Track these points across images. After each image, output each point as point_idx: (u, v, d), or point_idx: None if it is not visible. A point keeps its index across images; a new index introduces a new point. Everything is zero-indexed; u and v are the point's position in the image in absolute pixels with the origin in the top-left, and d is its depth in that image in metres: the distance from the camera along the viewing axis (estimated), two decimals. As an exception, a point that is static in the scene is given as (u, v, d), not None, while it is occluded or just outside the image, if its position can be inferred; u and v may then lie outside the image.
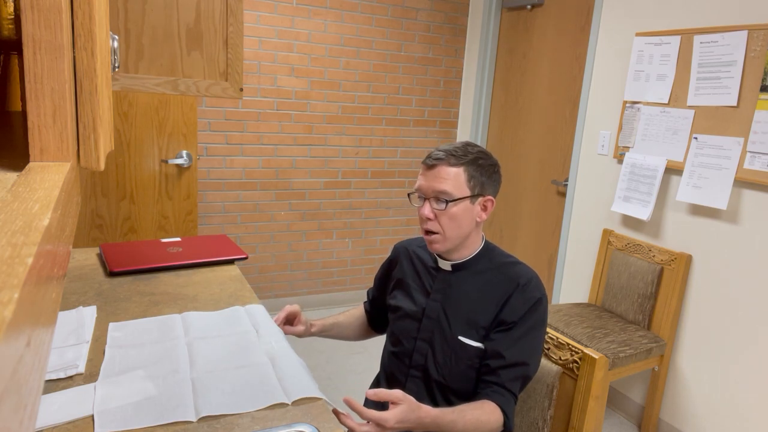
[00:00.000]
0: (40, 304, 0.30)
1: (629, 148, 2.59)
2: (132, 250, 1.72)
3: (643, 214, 2.48)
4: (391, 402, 1.07)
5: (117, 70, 1.06)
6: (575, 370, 1.26)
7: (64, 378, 1.04)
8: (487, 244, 1.33)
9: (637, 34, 2.52)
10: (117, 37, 0.87)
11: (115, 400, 0.97)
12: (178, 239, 1.87)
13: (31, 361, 0.27)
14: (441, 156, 1.22)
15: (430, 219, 1.23)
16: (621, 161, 2.62)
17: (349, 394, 1.05)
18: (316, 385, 1.06)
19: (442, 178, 1.21)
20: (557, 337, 1.32)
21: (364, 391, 1.29)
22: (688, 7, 2.33)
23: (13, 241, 0.31)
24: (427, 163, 1.24)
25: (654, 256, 2.44)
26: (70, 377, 1.04)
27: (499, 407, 1.17)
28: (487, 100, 3.64)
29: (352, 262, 3.74)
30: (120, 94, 2.35)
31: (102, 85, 0.59)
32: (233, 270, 1.69)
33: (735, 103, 2.14)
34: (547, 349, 1.34)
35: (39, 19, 0.46)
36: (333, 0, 3.29)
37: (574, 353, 1.27)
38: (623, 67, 2.62)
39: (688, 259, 2.33)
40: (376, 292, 1.54)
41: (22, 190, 0.41)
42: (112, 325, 1.25)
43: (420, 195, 1.26)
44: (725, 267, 2.22)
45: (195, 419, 0.93)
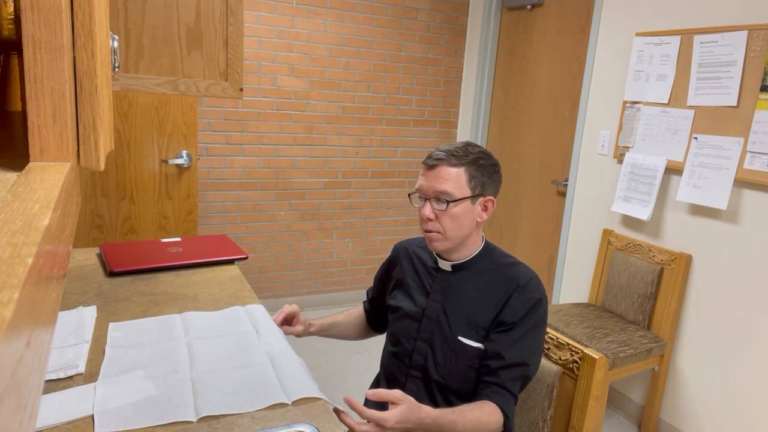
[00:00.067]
0: (40, 304, 0.30)
1: (629, 148, 2.59)
2: (132, 250, 1.72)
3: (643, 214, 2.48)
4: (390, 402, 1.07)
5: (117, 70, 1.06)
6: (575, 370, 1.26)
7: (64, 378, 1.04)
8: (487, 244, 1.33)
9: (637, 34, 2.52)
10: (117, 37, 0.87)
11: (115, 400, 0.97)
12: (178, 239, 1.87)
13: (31, 361, 0.27)
14: (442, 156, 1.22)
15: (431, 219, 1.23)
16: (621, 161, 2.62)
17: (349, 394, 1.05)
18: (316, 385, 1.06)
19: (443, 178, 1.21)
20: (557, 337, 1.32)
21: (364, 391, 1.29)
22: (688, 7, 2.33)
23: (13, 241, 0.31)
24: (428, 163, 1.24)
25: (654, 256, 2.44)
26: (70, 377, 1.04)
27: (499, 408, 1.17)
28: (487, 100, 3.64)
29: (352, 262, 3.74)
30: (120, 94, 2.35)
31: (102, 85, 0.59)
32: (233, 270, 1.69)
33: (735, 103, 2.14)
34: (547, 349, 1.34)
35: (39, 19, 0.46)
36: (333, 0, 3.29)
37: (574, 353, 1.27)
38: (623, 67, 2.62)
39: (688, 259, 2.33)
40: (376, 292, 1.53)
41: (22, 190, 0.41)
42: (112, 325, 1.25)
43: (420, 195, 1.26)
44: (725, 267, 2.22)
45: (195, 419, 0.93)
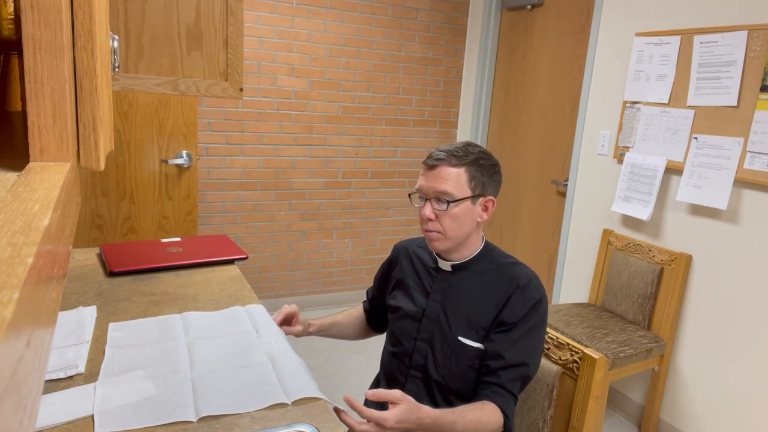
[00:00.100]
0: (40, 304, 0.30)
1: (629, 148, 2.59)
2: (132, 250, 1.72)
3: (643, 214, 2.48)
4: (390, 402, 1.07)
5: (117, 70, 1.06)
6: (575, 370, 1.26)
7: (64, 378, 1.04)
8: (487, 244, 1.33)
9: (637, 34, 2.52)
10: (117, 37, 0.87)
11: (115, 400, 0.97)
12: (178, 239, 1.87)
13: (31, 361, 0.27)
14: (442, 156, 1.22)
15: (431, 219, 1.23)
16: (621, 161, 2.62)
17: (349, 394, 1.05)
18: (316, 385, 1.06)
19: (443, 178, 1.21)
20: (557, 337, 1.32)
21: (364, 391, 1.29)
22: (688, 7, 2.33)
23: (13, 241, 0.31)
24: (428, 163, 1.24)
25: (654, 256, 2.44)
26: (70, 377, 1.04)
27: (499, 408, 1.17)
28: (487, 100, 3.64)
29: (352, 262, 3.74)
30: (120, 94, 2.35)
31: (102, 85, 0.59)
32: (233, 270, 1.69)
33: (735, 103, 2.14)
34: (547, 349, 1.34)
35: (39, 19, 0.46)
36: (333, 0, 3.29)
37: (574, 353, 1.27)
38: (623, 67, 2.62)
39: (688, 259, 2.33)
40: (376, 292, 1.53)
41: (22, 190, 0.41)
42: (112, 325, 1.25)
43: (421, 195, 1.25)
44: (725, 267, 2.22)
45: (195, 419, 0.93)
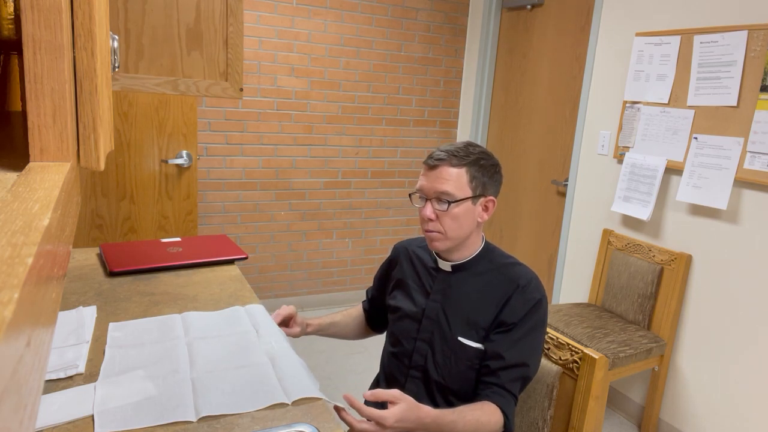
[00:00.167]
0: (40, 304, 0.30)
1: (629, 148, 2.59)
2: (132, 250, 1.72)
3: (643, 214, 2.48)
4: (389, 402, 1.07)
5: (117, 70, 1.06)
6: (575, 370, 1.26)
7: (64, 378, 1.04)
8: (487, 244, 1.33)
9: (637, 34, 2.52)
10: (117, 37, 0.87)
11: (115, 400, 0.97)
12: (178, 239, 1.87)
13: (31, 361, 0.27)
14: (443, 156, 1.21)
15: (432, 220, 1.23)
16: (621, 161, 2.62)
17: (349, 393, 1.05)
18: (317, 385, 1.06)
19: (444, 178, 1.21)
20: (557, 337, 1.32)
21: (364, 390, 1.29)
22: (688, 7, 2.33)
23: (13, 241, 0.31)
24: (429, 163, 1.23)
25: (654, 256, 2.44)
26: (70, 377, 1.04)
27: (500, 408, 1.17)
28: (487, 100, 3.64)
29: (352, 262, 3.74)
30: (120, 94, 2.35)
31: (102, 85, 0.59)
32: (233, 270, 1.69)
33: (735, 103, 2.14)
34: (547, 349, 1.34)
35: (39, 19, 0.46)
36: (333, 0, 3.29)
37: (574, 353, 1.27)
38: (623, 67, 2.62)
39: (688, 259, 2.33)
40: (376, 292, 1.53)
41: (22, 190, 0.41)
42: (112, 325, 1.25)
43: (421, 195, 1.25)
44: (725, 267, 2.22)
45: (195, 419, 0.93)
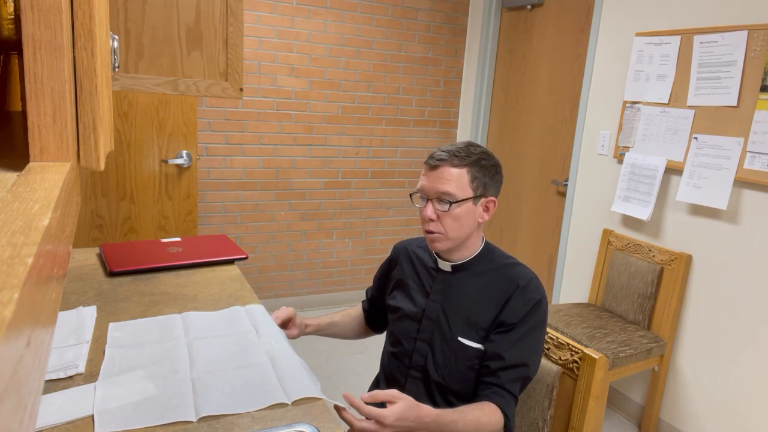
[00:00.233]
0: (40, 304, 0.30)
1: (629, 148, 2.59)
2: (132, 250, 1.72)
3: (643, 214, 2.48)
4: (388, 401, 1.07)
5: (117, 70, 1.06)
6: (575, 370, 1.26)
7: (64, 378, 1.04)
8: (487, 245, 1.33)
9: (637, 34, 2.52)
10: (117, 37, 0.87)
11: (115, 400, 0.97)
12: (178, 239, 1.87)
13: (31, 361, 0.27)
14: (444, 157, 1.21)
15: (433, 220, 1.22)
16: (621, 161, 2.62)
17: (348, 392, 1.05)
18: (318, 385, 1.06)
19: (445, 179, 1.20)
20: (557, 337, 1.32)
21: (365, 390, 1.29)
22: (688, 7, 2.33)
23: (13, 241, 0.31)
24: (430, 163, 1.23)
25: (654, 256, 2.44)
26: (70, 377, 1.04)
27: (500, 408, 1.17)
28: (487, 100, 3.64)
29: (352, 262, 3.74)
30: (120, 94, 2.35)
31: (102, 85, 0.59)
32: (233, 270, 1.69)
33: (735, 103, 2.14)
34: (547, 349, 1.34)
35: (39, 19, 0.46)
36: (333, 0, 3.29)
37: (574, 353, 1.27)
38: (623, 67, 2.62)
39: (688, 259, 2.33)
40: (376, 292, 1.53)
41: (22, 190, 0.41)
42: (112, 325, 1.25)
43: (422, 195, 1.25)
44: (725, 267, 2.22)
45: (195, 419, 0.93)
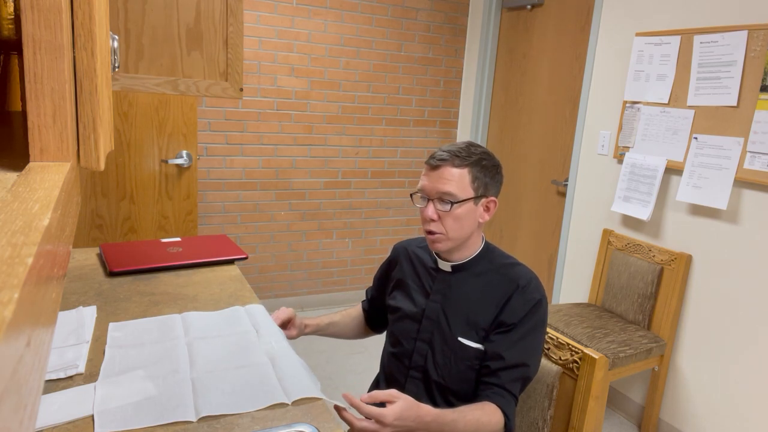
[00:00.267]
0: (40, 304, 0.30)
1: (629, 148, 2.59)
2: (132, 250, 1.72)
3: (643, 214, 2.48)
4: (387, 401, 1.07)
5: (117, 70, 1.06)
6: (575, 370, 1.26)
7: (64, 378, 1.04)
8: (487, 245, 1.33)
9: (637, 34, 2.52)
10: (117, 37, 0.87)
11: (115, 400, 0.97)
12: (178, 239, 1.87)
13: (31, 361, 0.27)
14: (445, 157, 1.21)
15: (434, 220, 1.22)
16: (621, 161, 2.62)
17: (348, 392, 1.05)
18: (318, 385, 1.06)
19: (447, 179, 1.20)
20: (557, 337, 1.32)
21: (365, 391, 1.29)
22: (688, 7, 2.33)
23: (13, 241, 0.31)
24: (431, 163, 1.22)
25: (654, 256, 2.44)
26: (70, 377, 1.04)
27: (500, 408, 1.17)
28: (487, 100, 3.64)
29: (352, 262, 3.74)
30: (120, 94, 2.35)
31: (102, 85, 0.59)
32: (233, 270, 1.69)
33: (735, 103, 2.14)
34: (547, 349, 1.34)
35: (39, 19, 0.46)
36: (333, 0, 3.29)
37: (574, 353, 1.27)
38: (623, 67, 2.62)
39: (688, 259, 2.33)
40: (375, 292, 1.53)
41: (22, 190, 0.41)
42: (112, 325, 1.25)
43: (423, 195, 1.25)
44: (725, 267, 2.22)
45: (195, 419, 0.93)
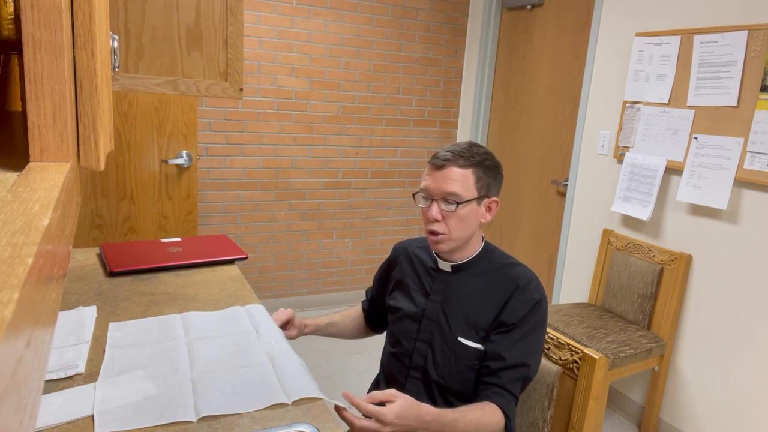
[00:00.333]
0: (40, 304, 0.30)
1: (629, 148, 2.59)
2: (132, 250, 1.72)
3: (643, 214, 2.48)
4: (386, 401, 1.07)
5: (117, 70, 1.06)
6: (575, 370, 1.26)
7: (64, 378, 1.04)
8: (487, 245, 1.33)
9: (637, 34, 2.52)
10: (117, 37, 0.87)
11: (115, 400, 0.97)
12: (178, 239, 1.87)
13: (31, 361, 0.27)
14: (449, 157, 1.20)
15: (438, 220, 1.22)
16: (621, 161, 2.62)
17: (348, 391, 1.05)
18: (316, 385, 1.06)
19: (451, 179, 1.20)
20: (557, 337, 1.32)
21: (365, 391, 1.29)
22: (688, 7, 2.33)
23: (13, 241, 0.31)
24: (436, 163, 1.22)
25: (654, 256, 2.44)
26: (70, 377, 1.04)
27: (500, 408, 1.17)
28: (487, 100, 3.64)
29: (352, 262, 3.74)
30: (120, 94, 2.35)
31: (102, 85, 0.59)
32: (233, 270, 1.69)
33: (735, 103, 2.14)
34: (547, 349, 1.34)
35: (39, 19, 0.46)
36: (333, 0, 3.29)
37: (574, 353, 1.27)
38: (623, 67, 2.62)
39: (688, 259, 2.33)
40: (375, 293, 1.53)
41: (22, 190, 0.41)
42: (112, 325, 1.25)
43: (426, 196, 1.24)
44: (725, 267, 2.22)
45: (195, 419, 0.93)
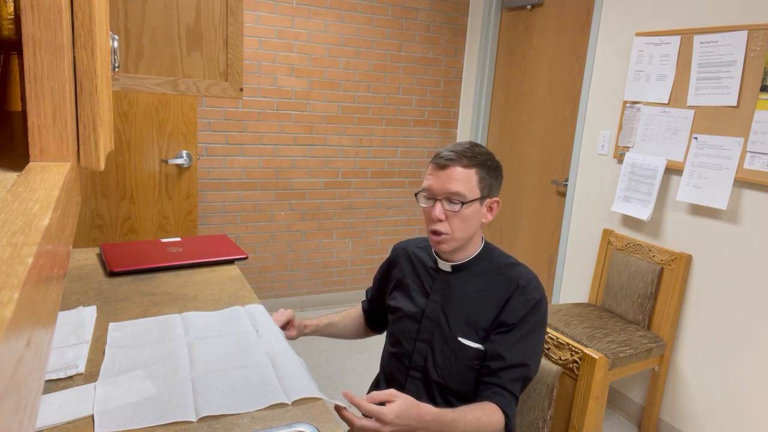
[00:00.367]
0: (40, 304, 0.30)
1: (629, 148, 2.59)
2: (132, 250, 1.72)
3: (643, 214, 2.48)
4: (386, 401, 1.07)
5: (117, 70, 1.06)
6: (575, 370, 1.26)
7: (64, 378, 1.04)
8: (487, 245, 1.33)
9: (637, 34, 2.52)
10: (117, 37, 0.87)
11: (115, 400, 0.97)
12: (178, 239, 1.87)
13: (31, 361, 0.27)
14: (453, 157, 1.20)
15: (441, 220, 1.22)
16: (621, 161, 2.62)
17: (347, 390, 1.05)
18: (316, 385, 1.06)
19: (455, 179, 1.19)
20: (557, 337, 1.32)
21: (365, 391, 1.29)
22: (688, 7, 2.33)
23: (13, 241, 0.31)
24: (439, 163, 1.21)
25: (654, 256, 2.44)
26: (70, 377, 1.04)
27: (500, 408, 1.17)
28: (487, 100, 3.64)
29: (352, 262, 3.74)
30: (120, 94, 2.35)
31: (102, 85, 0.59)
32: (233, 270, 1.69)
33: (735, 103, 2.14)
34: (547, 349, 1.34)
35: (39, 19, 0.46)
36: (333, 0, 3.29)
37: (574, 353, 1.27)
38: (623, 67, 2.62)
39: (688, 259, 2.33)
40: (375, 293, 1.53)
41: (22, 190, 0.41)
42: (112, 325, 1.25)
43: (429, 195, 1.24)
44: (725, 267, 2.22)
45: (195, 419, 0.93)
